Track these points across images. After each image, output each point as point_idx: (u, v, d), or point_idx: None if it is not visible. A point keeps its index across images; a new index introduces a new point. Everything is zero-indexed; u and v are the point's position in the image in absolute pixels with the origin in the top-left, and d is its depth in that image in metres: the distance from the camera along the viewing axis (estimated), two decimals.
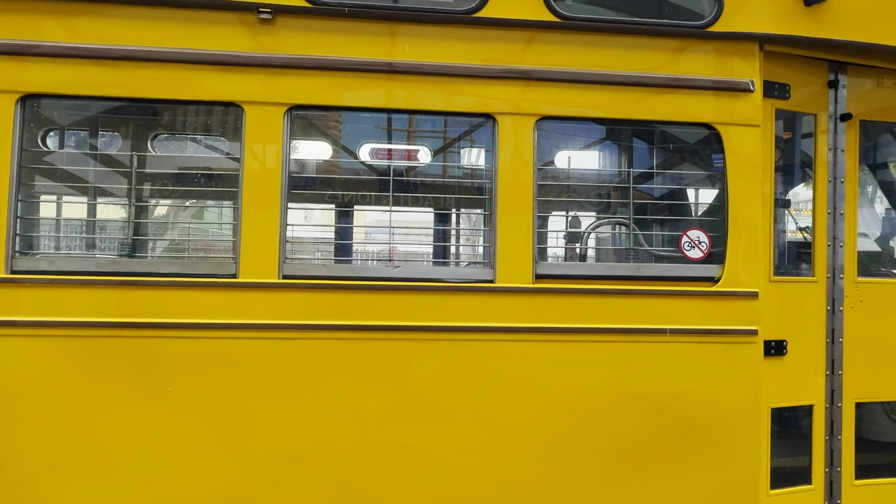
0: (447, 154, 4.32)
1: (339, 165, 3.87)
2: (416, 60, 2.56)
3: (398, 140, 4.22)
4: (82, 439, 2.38)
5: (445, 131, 4.31)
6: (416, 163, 3.61)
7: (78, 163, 3.34)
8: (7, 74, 2.42)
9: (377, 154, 3.71)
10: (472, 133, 4.10)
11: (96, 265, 2.49)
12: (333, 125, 3.81)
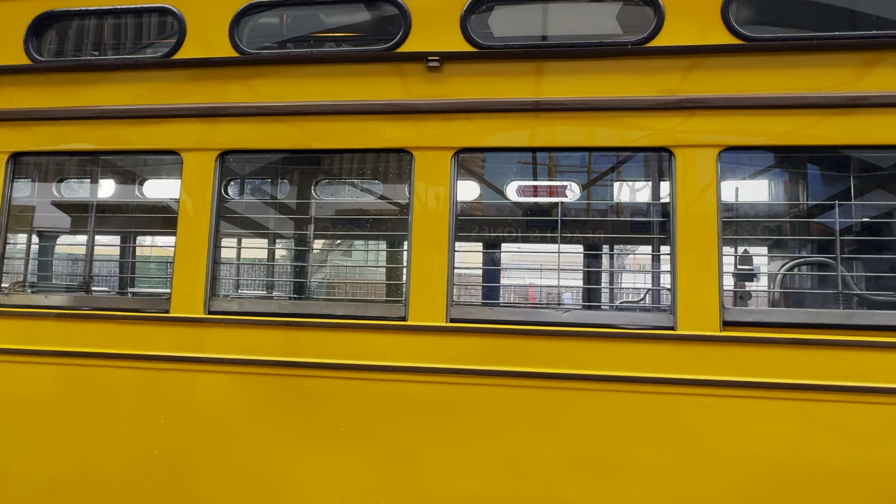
0: (602, 188, 4.16)
1: (500, 205, 3.85)
2: (587, 97, 2.47)
3: (544, 176, 4.14)
4: (263, 472, 2.49)
5: (590, 166, 4.17)
6: (572, 200, 3.50)
7: (257, 210, 3.62)
8: (206, 134, 2.69)
9: (537, 191, 3.65)
10: (621, 166, 3.90)
11: (279, 307, 2.64)
12: (490, 165, 3.82)
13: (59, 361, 2.65)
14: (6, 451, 2.66)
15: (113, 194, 3.86)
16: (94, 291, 3.09)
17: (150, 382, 2.58)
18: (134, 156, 3.08)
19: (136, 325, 2.63)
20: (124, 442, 2.58)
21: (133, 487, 2.56)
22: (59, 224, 3.79)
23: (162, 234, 3.17)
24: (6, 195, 2.82)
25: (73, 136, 2.79)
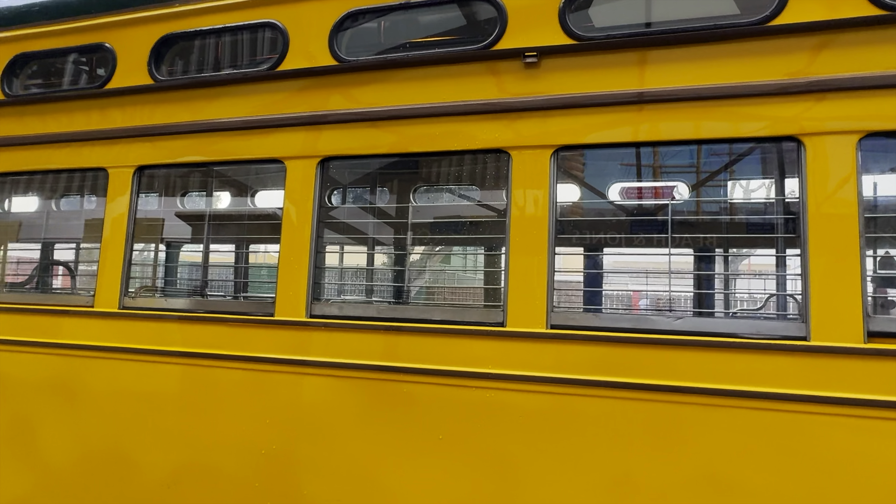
0: (713, 188, 3.86)
1: (602, 207, 3.67)
2: (698, 85, 2.27)
3: (649, 178, 3.90)
4: (363, 476, 2.50)
5: (699, 164, 3.88)
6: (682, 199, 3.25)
7: (357, 217, 3.69)
8: (307, 142, 2.75)
9: (642, 193, 3.44)
10: (735, 163, 3.59)
11: (377, 311, 2.65)
12: (591, 166, 3.65)
13: (179, 361, 2.82)
14: (133, 444, 2.86)
15: (227, 206, 4.10)
16: (209, 295, 3.27)
17: (257, 383, 2.68)
18: (243, 166, 3.22)
19: (245, 328, 2.74)
20: (235, 440, 2.68)
21: (242, 484, 2.65)
22: (182, 234, 4.06)
23: (270, 241, 3.30)
24: (133, 206, 3.05)
25: (188, 149, 2.97)
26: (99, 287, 3.01)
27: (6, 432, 3.11)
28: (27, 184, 3.64)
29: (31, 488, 3.03)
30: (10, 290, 3.84)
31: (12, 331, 3.16)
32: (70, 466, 2.97)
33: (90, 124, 3.18)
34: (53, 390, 3.04)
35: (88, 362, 2.98)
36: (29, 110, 3.33)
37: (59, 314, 3.10)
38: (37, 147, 3.28)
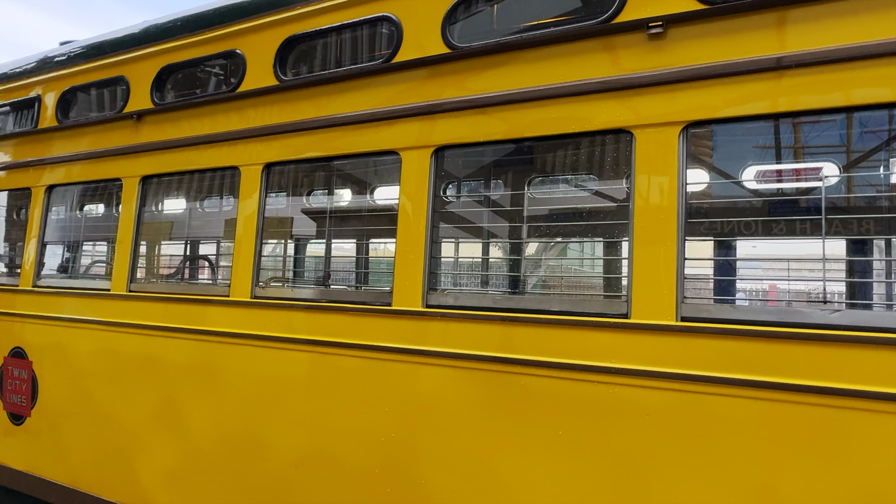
0: (868, 170, 3.40)
1: (736, 192, 3.36)
2: (853, 43, 1.97)
3: (789, 159, 3.50)
4: (480, 469, 2.46)
5: (849, 144, 3.41)
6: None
7: (472, 209, 3.65)
8: (422, 132, 2.75)
9: (782, 176, 3.10)
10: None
11: (493, 302, 2.59)
12: (721, 150, 3.35)
13: (305, 348, 2.94)
14: (264, 427, 3.03)
15: (348, 202, 4.24)
16: (331, 285, 3.40)
17: (377, 371, 2.72)
18: (362, 162, 3.30)
19: (364, 317, 2.80)
20: (356, 426, 2.75)
21: (363, 470, 2.72)
22: (307, 228, 4.26)
23: (388, 234, 3.36)
24: (262, 201, 3.22)
25: (310, 145, 3.09)
26: (233, 278, 3.23)
27: (161, 410, 3.43)
28: (176, 187, 3.98)
29: (181, 461, 3.32)
30: (163, 281, 4.24)
31: (164, 318, 3.47)
32: (211, 443, 3.21)
33: (225, 126, 3.41)
34: (197, 373, 3.30)
35: (225, 348, 3.20)
36: (173, 116, 3.64)
37: (200, 303, 3.36)
38: (180, 150, 3.57)
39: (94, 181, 4.03)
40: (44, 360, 4.02)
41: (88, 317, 3.81)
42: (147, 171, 3.71)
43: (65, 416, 3.88)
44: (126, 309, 3.64)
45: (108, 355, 3.69)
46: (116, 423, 3.61)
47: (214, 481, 3.18)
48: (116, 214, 3.85)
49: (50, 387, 3.97)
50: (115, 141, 3.89)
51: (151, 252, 4.22)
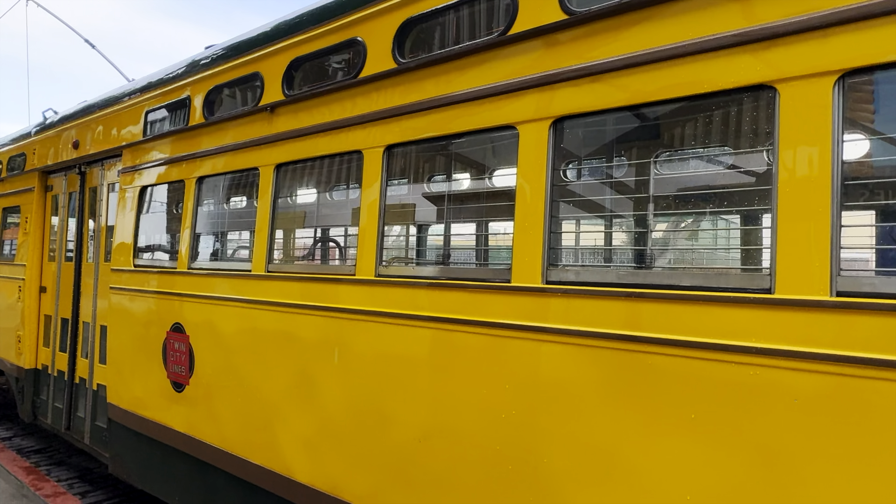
0: None
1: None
2: None
3: None
4: (604, 451, 2.36)
5: None
6: None
7: (594, 185, 3.50)
8: (539, 104, 2.67)
9: None
10: None
11: (616, 277, 2.47)
12: (885, 105, 2.92)
13: (426, 325, 3.00)
14: (388, 400, 3.14)
15: (466, 185, 4.25)
16: (452, 263, 3.43)
17: (496, 348, 2.71)
18: (478, 140, 3.28)
19: (484, 294, 2.79)
20: (477, 403, 2.76)
21: (484, 446, 2.73)
22: (428, 210, 4.33)
23: (505, 213, 3.32)
24: (383, 183, 3.32)
25: (428, 125, 3.12)
26: (358, 257, 3.36)
27: (296, 381, 3.67)
28: (307, 173, 4.22)
29: (315, 430, 3.54)
30: (297, 262, 4.53)
31: (298, 296, 3.71)
32: (341, 415, 3.39)
33: (349, 112, 3.54)
34: (327, 347, 3.49)
35: (352, 324, 3.35)
36: (302, 106, 3.85)
37: (328, 282, 3.54)
38: (309, 137, 3.78)
39: (236, 171, 4.38)
40: (198, 335, 4.46)
41: (233, 295, 4.16)
42: (280, 160, 3.97)
43: (216, 385, 4.29)
44: (265, 288, 3.93)
45: (250, 330, 4.01)
46: (258, 393, 3.92)
47: (345, 451, 3.35)
48: (255, 201, 4.16)
49: (203, 358, 4.40)
50: (253, 133, 4.19)
51: (286, 235, 4.51)
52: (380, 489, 3.16)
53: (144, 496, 5.94)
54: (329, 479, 3.43)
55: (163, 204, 5.41)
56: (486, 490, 2.70)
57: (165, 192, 5.34)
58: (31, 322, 7.27)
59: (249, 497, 3.99)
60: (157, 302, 4.93)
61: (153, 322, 4.95)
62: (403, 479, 3.05)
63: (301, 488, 3.58)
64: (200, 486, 4.45)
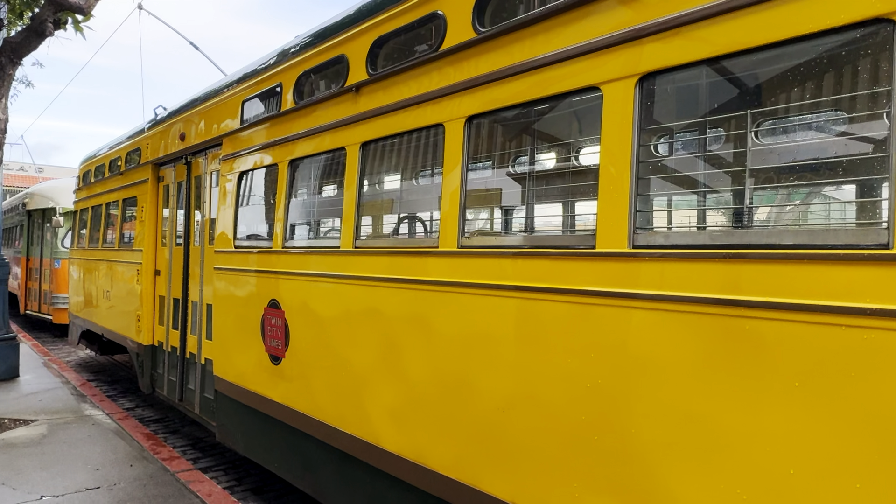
0: None
1: None
2: None
3: None
4: (693, 421, 2.24)
5: None
6: None
7: (684, 142, 3.32)
8: (624, 61, 2.55)
9: None
10: None
11: (710, 238, 2.33)
12: None
13: (509, 294, 2.97)
14: (472, 371, 3.14)
15: (548, 154, 4.16)
16: (534, 231, 3.37)
17: (581, 316, 2.64)
18: (559, 102, 3.19)
19: (567, 261, 2.72)
20: (562, 372, 2.71)
21: (568, 416, 2.67)
22: (511, 180, 4.28)
23: (588, 178, 3.23)
24: (465, 155, 3.31)
25: (508, 94, 3.07)
26: (441, 229, 3.38)
27: (383, 353, 3.76)
28: (391, 150, 4.29)
29: (401, 401, 3.61)
30: (383, 237, 4.63)
31: (383, 270, 3.79)
32: (427, 386, 3.43)
33: (431, 86, 3.56)
34: (412, 319, 3.55)
35: (436, 295, 3.38)
36: (386, 84, 3.91)
37: (412, 254, 3.59)
38: (392, 114, 3.83)
39: (324, 152, 4.53)
40: (292, 310, 4.68)
41: (323, 271, 4.32)
42: (366, 138, 4.06)
43: (309, 357, 4.48)
44: (352, 263, 4.05)
45: (340, 304, 4.16)
46: (348, 365, 4.05)
47: (430, 421, 3.40)
48: (343, 179, 4.28)
49: (297, 332, 4.61)
50: (339, 114, 4.32)
51: (372, 211, 4.62)
52: (463, 458, 3.18)
53: (248, 463, 6.34)
54: (415, 448, 3.50)
55: (259, 187, 5.71)
56: (571, 461, 2.65)
57: (261, 177, 5.62)
58: (147, 303, 7.93)
59: (341, 464, 4.15)
60: (256, 280, 5.22)
61: (252, 299, 5.24)
62: (486, 449, 3.05)
63: (388, 456, 3.68)
64: (297, 454, 4.69)
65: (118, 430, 6.93)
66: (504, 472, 2.96)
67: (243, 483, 5.94)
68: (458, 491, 3.20)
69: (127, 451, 6.17)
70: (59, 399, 8.31)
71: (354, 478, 4.05)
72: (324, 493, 4.43)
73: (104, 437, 6.65)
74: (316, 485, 4.51)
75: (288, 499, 5.57)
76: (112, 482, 5.35)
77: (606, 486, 2.52)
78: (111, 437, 6.63)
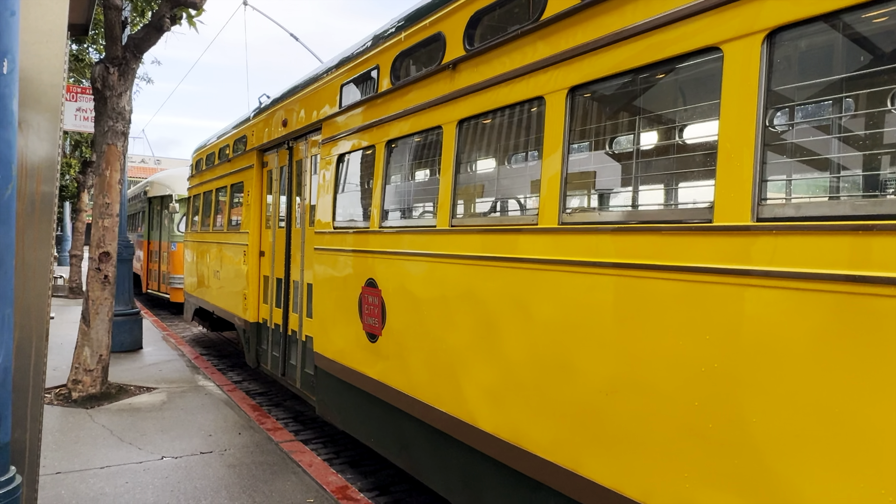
0: None
1: None
2: None
3: None
4: (824, 408, 2.02)
5: None
6: None
7: (816, 107, 3.00)
8: (749, 16, 2.33)
9: None
10: None
11: (851, 208, 2.08)
12: None
13: (614, 272, 2.83)
14: (572, 351, 3.03)
15: (657, 124, 3.93)
16: (640, 206, 3.19)
17: (696, 296, 2.46)
18: (674, 66, 2.98)
19: (679, 236, 2.55)
20: (672, 355, 2.55)
21: (680, 402, 2.51)
22: (616, 153, 4.09)
23: (704, 147, 3.00)
24: (567, 127, 3.18)
25: (613, 61, 2.91)
26: (541, 205, 3.28)
27: (480, 332, 3.73)
28: (488, 127, 4.23)
29: (498, 381, 3.57)
30: (479, 216, 4.59)
31: (480, 248, 3.74)
32: (524, 366, 3.36)
33: (530, 58, 3.45)
34: (510, 298, 3.48)
35: (534, 274, 3.29)
36: (483, 59, 3.84)
37: (510, 232, 3.51)
38: (490, 89, 3.76)
39: (421, 131, 4.54)
40: (389, 289, 4.75)
41: (420, 250, 4.34)
42: (463, 115, 4.02)
43: (405, 335, 4.54)
44: (449, 242, 4.03)
45: (436, 283, 4.16)
46: (444, 343, 4.06)
47: (528, 402, 3.33)
48: (439, 159, 4.27)
49: (394, 311, 4.68)
50: (436, 92, 4.30)
51: (468, 190, 4.58)
52: (563, 442, 3.09)
53: (345, 437, 6.56)
54: (512, 428, 3.44)
55: (357, 169, 5.83)
56: (683, 450, 2.49)
57: (359, 158, 5.73)
58: (253, 282, 8.38)
59: (436, 442, 4.18)
60: (354, 260, 5.35)
61: (350, 279, 5.38)
62: (588, 433, 2.94)
63: (484, 436, 3.65)
64: (392, 430, 4.78)
65: (227, 400, 7.39)
66: (607, 458, 2.84)
67: (341, 456, 6.16)
68: (555, 474, 3.12)
69: (235, 421, 6.57)
70: (176, 370, 8.99)
71: (449, 455, 4.06)
72: (418, 470, 4.48)
73: (215, 406, 7.12)
74: (411, 461, 4.58)
75: (383, 474, 5.71)
76: (223, 448, 5.72)
77: (722, 479, 2.34)
78: (221, 407, 7.08)
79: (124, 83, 7.40)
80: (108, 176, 7.41)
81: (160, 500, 4.52)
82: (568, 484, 3.04)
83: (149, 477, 4.96)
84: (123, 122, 7.46)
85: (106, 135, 7.38)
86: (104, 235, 7.42)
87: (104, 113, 7.37)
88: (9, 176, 2.27)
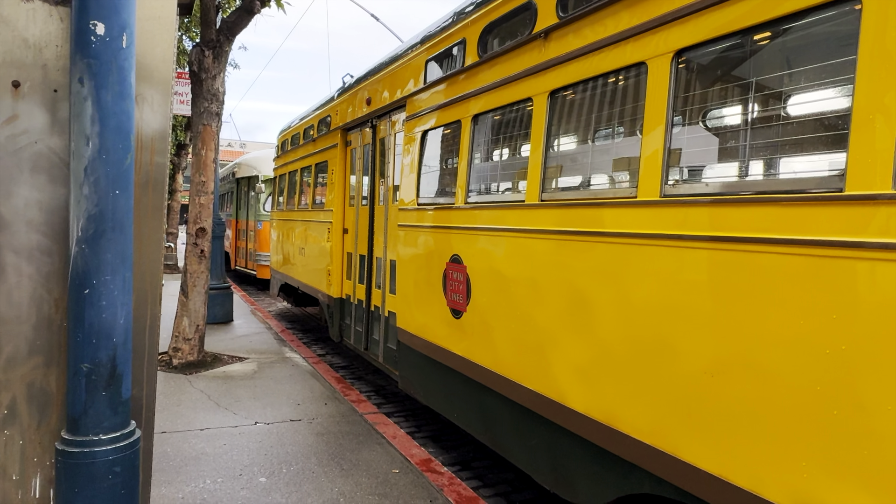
0: None
1: None
2: None
3: None
4: None
5: None
6: None
7: None
8: None
9: None
10: None
11: None
12: None
13: (722, 247, 2.66)
14: (672, 329, 2.88)
15: (773, 84, 3.64)
16: (752, 175, 2.97)
17: (820, 272, 2.26)
18: (801, 19, 2.73)
19: (800, 207, 2.35)
20: (790, 335, 2.36)
21: (798, 386, 2.33)
22: (727, 129, 3.84)
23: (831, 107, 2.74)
24: (671, 94, 3.00)
25: (729, 18, 2.70)
26: (641, 176, 3.12)
27: (571, 309, 3.63)
28: (584, 100, 4.07)
29: (591, 359, 3.46)
30: (572, 190, 4.46)
31: (572, 222, 3.63)
32: (619, 344, 3.24)
33: (629, 22, 3.27)
34: (604, 274, 3.35)
35: (632, 248, 3.15)
36: (577, 26, 3.68)
37: (606, 206, 3.37)
38: (584, 58, 3.60)
39: (509, 104, 4.44)
40: (474, 265, 4.72)
41: (507, 226, 4.27)
42: (554, 86, 3.88)
43: (490, 311, 4.49)
44: (538, 216, 3.93)
45: (524, 259, 4.08)
46: (531, 320, 3.98)
47: (623, 382, 3.21)
48: (528, 132, 4.16)
49: (479, 287, 4.64)
50: (525, 63, 4.18)
51: (560, 162, 4.45)
52: (661, 424, 2.96)
53: (427, 412, 6.65)
54: (605, 409, 3.34)
55: (441, 145, 5.80)
56: (803, 437, 2.31)
57: (444, 134, 5.70)
58: (336, 259, 8.60)
59: (521, 419, 4.13)
60: (438, 236, 5.35)
61: (434, 255, 5.39)
62: (690, 417, 2.80)
63: (574, 415, 3.56)
64: (476, 406, 4.78)
65: (313, 372, 7.66)
66: (711, 443, 2.69)
67: (422, 430, 6.24)
68: (652, 457, 3.00)
69: (321, 391, 6.80)
70: (265, 342, 9.41)
71: (535, 433, 4.00)
72: (501, 446, 4.46)
73: (302, 377, 7.40)
74: (494, 437, 4.57)
75: (464, 449, 5.74)
76: (311, 416, 5.93)
77: (849, 472, 2.16)
78: (308, 378, 7.35)
79: (218, 65, 7.71)
80: (203, 155, 7.78)
81: (255, 462, 4.74)
82: (665, 467, 2.92)
83: (244, 440, 5.22)
84: (217, 103, 7.78)
85: (202, 116, 7.73)
86: (200, 212, 7.81)
87: (200, 95, 7.71)
88: (128, 146, 2.38)
